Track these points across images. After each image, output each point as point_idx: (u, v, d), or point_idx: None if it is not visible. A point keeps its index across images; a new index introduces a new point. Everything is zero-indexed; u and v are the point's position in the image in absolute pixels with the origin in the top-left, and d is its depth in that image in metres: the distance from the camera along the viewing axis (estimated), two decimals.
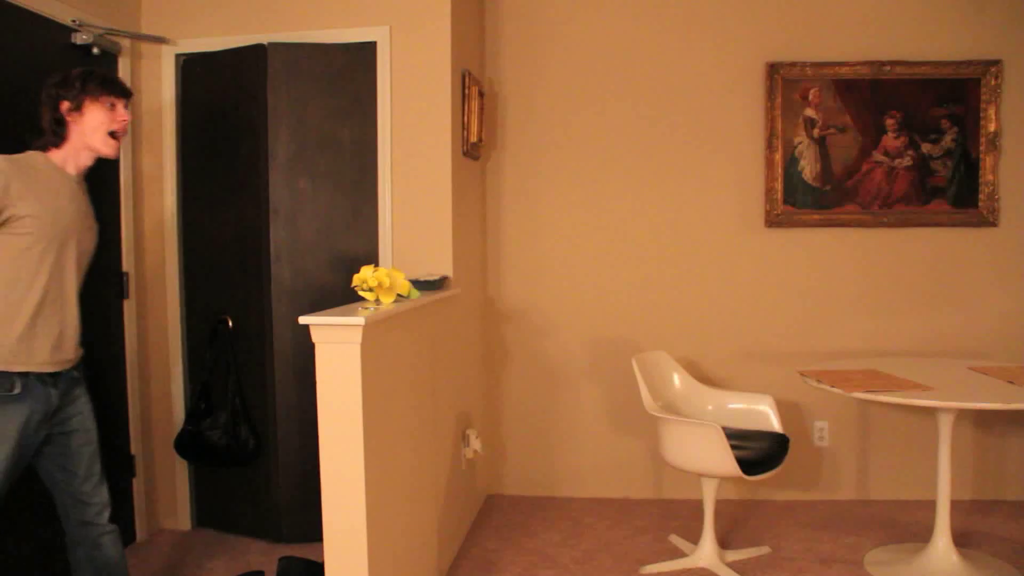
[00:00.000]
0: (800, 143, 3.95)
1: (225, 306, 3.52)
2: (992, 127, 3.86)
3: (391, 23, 3.37)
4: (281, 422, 3.43)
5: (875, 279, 3.98)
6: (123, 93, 2.40)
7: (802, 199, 3.97)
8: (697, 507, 3.44)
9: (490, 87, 4.07)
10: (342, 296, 2.69)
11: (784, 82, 3.93)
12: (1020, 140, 3.88)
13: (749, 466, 2.98)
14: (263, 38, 3.40)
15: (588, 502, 4.05)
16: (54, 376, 2.27)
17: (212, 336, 3.52)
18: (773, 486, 3.97)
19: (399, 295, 2.57)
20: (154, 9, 3.52)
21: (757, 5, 3.96)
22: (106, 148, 2.35)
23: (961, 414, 3.50)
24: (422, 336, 2.92)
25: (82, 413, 2.39)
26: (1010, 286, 3.93)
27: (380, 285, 2.46)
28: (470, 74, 3.62)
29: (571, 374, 4.13)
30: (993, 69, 3.84)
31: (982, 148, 3.87)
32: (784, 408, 3.62)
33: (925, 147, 3.91)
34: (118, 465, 3.33)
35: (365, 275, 2.47)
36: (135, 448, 3.49)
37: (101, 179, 3.06)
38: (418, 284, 2.98)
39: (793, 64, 3.92)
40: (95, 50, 3.15)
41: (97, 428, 2.43)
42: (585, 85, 4.05)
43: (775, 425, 3.34)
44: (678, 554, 3.33)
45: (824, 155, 3.95)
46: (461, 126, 3.56)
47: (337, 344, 2.22)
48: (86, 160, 2.36)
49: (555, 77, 4.06)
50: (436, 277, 3.16)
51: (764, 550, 3.36)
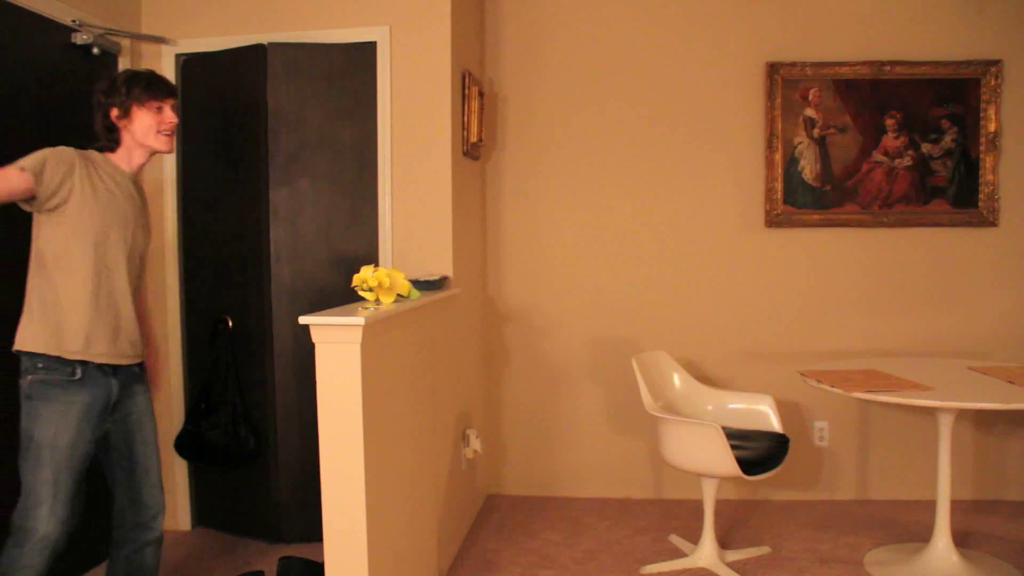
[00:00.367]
0: (800, 143, 3.95)
1: (225, 306, 3.52)
2: (992, 127, 3.86)
3: (391, 23, 3.37)
4: (281, 422, 3.43)
5: (875, 279, 3.98)
6: (169, 94, 2.42)
7: (802, 199, 3.97)
8: (697, 507, 3.44)
9: (490, 87, 4.07)
10: (342, 296, 2.69)
11: (784, 82, 3.93)
12: (1020, 140, 3.88)
13: (749, 466, 2.98)
14: (263, 38, 3.40)
15: (588, 502, 4.05)
16: (114, 368, 2.33)
17: (212, 336, 3.52)
18: (773, 486, 3.97)
19: (399, 295, 2.57)
20: (154, 9, 3.52)
21: (757, 5, 3.96)
22: (159, 145, 2.40)
23: (961, 414, 3.50)
24: (422, 336, 2.92)
25: (141, 411, 2.44)
26: (1010, 286, 3.93)
27: (380, 285, 2.46)
28: (470, 74, 3.62)
29: (571, 374, 4.13)
30: (993, 69, 3.84)
31: (982, 148, 3.88)
32: (784, 408, 3.62)
33: (925, 147, 3.91)
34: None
35: (365, 275, 2.47)
36: None
37: None
38: (418, 284, 2.98)
39: (793, 64, 3.92)
40: (95, 50, 3.15)
41: (156, 429, 2.50)
42: (585, 85, 4.05)
43: (775, 425, 3.34)
44: (678, 554, 3.33)
45: (824, 155, 3.95)
46: (461, 126, 3.56)
47: (337, 344, 2.22)
48: (140, 158, 2.41)
49: (555, 77, 4.06)
50: (436, 277, 3.16)
51: (764, 550, 3.36)
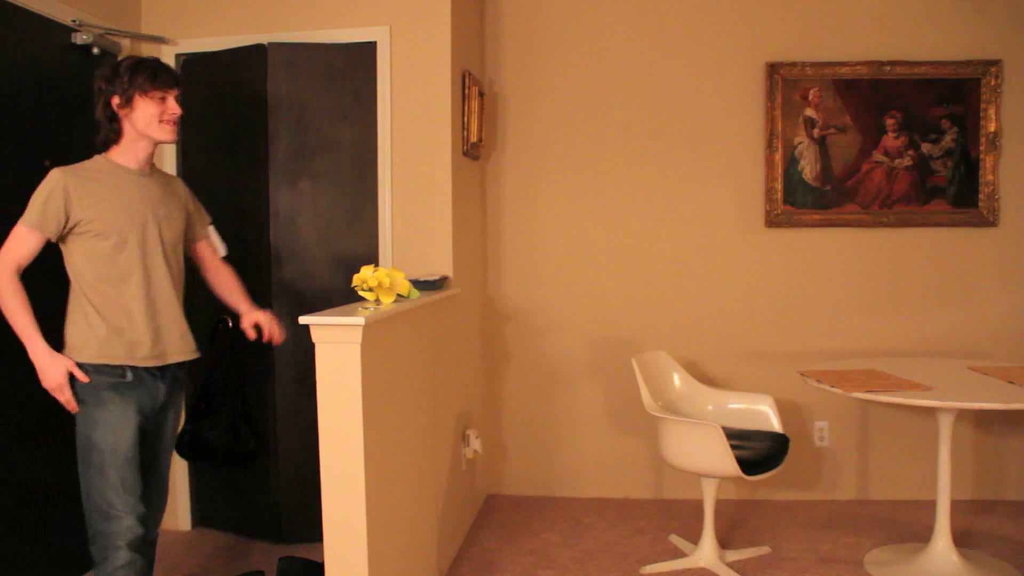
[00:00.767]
0: (800, 143, 3.95)
1: (225, 306, 3.52)
2: (992, 127, 3.86)
3: (391, 23, 3.37)
4: (281, 422, 3.43)
5: (875, 279, 3.98)
6: (174, 84, 2.36)
7: (802, 199, 3.97)
8: (697, 507, 3.44)
9: (490, 87, 4.07)
10: (342, 296, 2.69)
11: (784, 82, 3.93)
12: (1020, 140, 3.88)
13: (749, 466, 2.98)
14: (263, 38, 3.40)
15: (588, 502, 4.05)
16: (161, 370, 2.37)
17: (212, 336, 3.50)
18: (773, 486, 3.97)
19: (399, 295, 2.57)
20: (154, 9, 3.52)
21: (757, 5, 3.96)
22: (162, 134, 2.34)
23: (961, 414, 3.50)
24: (422, 336, 2.92)
25: (171, 416, 2.48)
26: (1010, 286, 3.93)
27: (380, 285, 2.46)
28: (470, 74, 3.62)
29: (571, 374, 4.13)
30: (993, 69, 3.84)
31: (982, 148, 3.88)
32: (784, 408, 3.62)
33: (925, 147, 3.91)
34: None
35: (365, 275, 2.47)
36: None
37: None
38: (418, 284, 2.98)
39: (793, 64, 3.92)
40: (95, 50, 3.15)
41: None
42: (585, 85, 4.05)
43: (775, 425, 3.34)
44: (678, 554, 3.33)
45: (824, 155, 3.95)
46: (461, 126, 3.56)
47: (337, 344, 2.22)
48: (145, 150, 2.36)
49: (555, 77, 4.06)
50: (436, 277, 3.16)
51: (764, 550, 3.36)
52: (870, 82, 3.90)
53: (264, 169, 3.40)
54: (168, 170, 3.58)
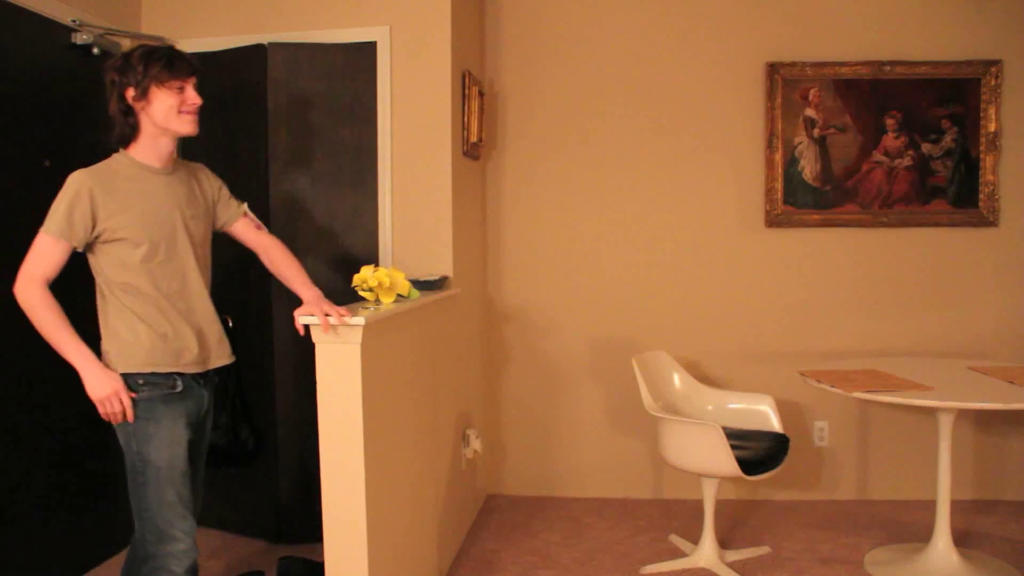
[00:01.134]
0: (800, 143, 3.95)
1: (225, 306, 3.51)
2: (992, 127, 3.86)
3: (391, 23, 3.37)
4: (281, 422, 3.43)
5: (875, 279, 3.98)
6: (192, 72, 2.19)
7: (802, 199, 3.97)
8: (697, 507, 3.44)
9: (490, 87, 4.07)
10: (342, 296, 2.69)
11: (784, 82, 3.93)
12: (1020, 140, 3.88)
13: (749, 466, 2.98)
14: (263, 38, 3.40)
15: (588, 502, 4.05)
16: (204, 376, 2.29)
17: None
18: (773, 486, 3.97)
19: (399, 295, 2.57)
20: (154, 9, 3.52)
21: (757, 5, 3.96)
22: (183, 127, 2.18)
23: (961, 414, 3.50)
24: (422, 336, 2.92)
25: (209, 423, 2.41)
26: (1010, 286, 3.93)
27: (380, 285, 2.46)
28: (470, 74, 3.62)
29: (571, 374, 4.13)
30: (993, 69, 3.84)
31: (982, 148, 3.88)
32: (784, 408, 3.62)
33: (925, 147, 3.91)
34: (117, 465, 3.32)
35: (365, 275, 2.47)
36: None
37: None
38: (418, 284, 2.98)
39: (793, 64, 3.92)
40: (95, 50, 3.15)
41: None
42: (585, 85, 4.05)
43: (775, 425, 3.34)
44: (678, 554, 3.33)
45: (824, 155, 3.95)
46: (461, 126, 3.56)
47: (337, 344, 2.22)
48: (167, 146, 2.21)
49: (555, 77, 4.06)
50: (436, 277, 3.16)
51: (764, 550, 3.36)
52: (870, 82, 3.90)
53: (264, 169, 3.39)
54: None
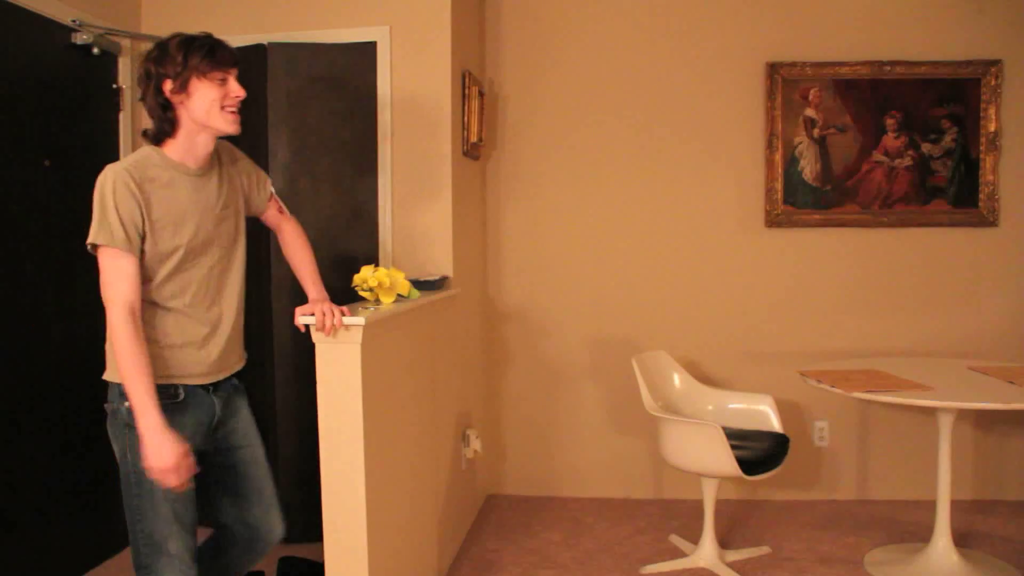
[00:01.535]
0: (800, 143, 3.95)
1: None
2: (992, 127, 3.86)
3: (391, 23, 3.37)
4: (281, 422, 3.43)
5: (875, 279, 3.98)
6: (234, 63, 2.04)
7: (802, 199, 3.97)
8: (697, 507, 3.44)
9: (490, 87, 4.07)
10: (342, 296, 2.69)
11: (784, 82, 3.93)
12: (1020, 140, 3.88)
13: (749, 466, 2.98)
14: (263, 38, 3.40)
15: (588, 502, 4.05)
16: (215, 384, 2.10)
17: None
18: (773, 486, 3.97)
19: (399, 295, 2.57)
20: (154, 9, 3.52)
21: (757, 5, 3.96)
22: (225, 124, 2.01)
23: (961, 414, 3.50)
24: (422, 336, 2.92)
25: (246, 426, 2.20)
26: (1010, 286, 3.93)
27: (380, 285, 2.46)
28: (470, 74, 3.62)
29: (571, 374, 4.13)
30: (993, 69, 3.84)
31: (982, 148, 3.88)
32: (784, 408, 3.62)
33: (925, 147, 3.91)
34: (117, 466, 3.32)
35: (365, 275, 2.47)
36: None
37: None
38: (418, 284, 2.98)
39: (793, 64, 3.92)
40: (95, 50, 3.15)
41: (262, 444, 2.24)
42: (585, 85, 4.05)
43: (775, 425, 3.34)
44: (678, 554, 3.33)
45: (824, 155, 3.95)
46: (461, 126, 3.56)
47: (337, 344, 2.22)
48: (205, 146, 2.04)
49: (555, 76, 4.06)
50: (436, 277, 3.16)
51: (764, 550, 3.36)
52: (870, 82, 3.90)
53: (264, 169, 3.38)
54: None
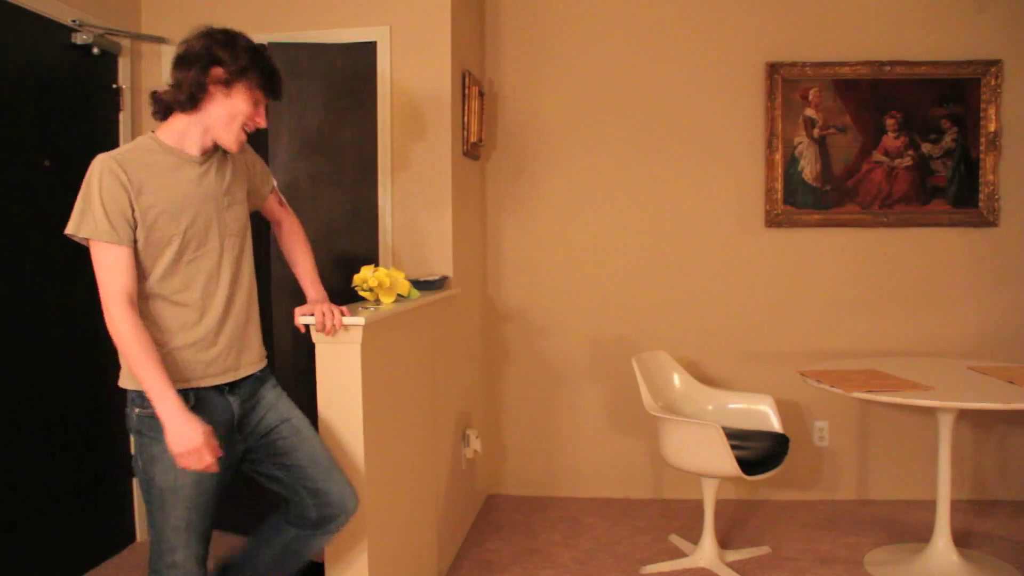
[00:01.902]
0: (800, 143, 3.95)
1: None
2: (992, 127, 3.86)
3: (391, 23, 3.37)
4: None
5: (875, 279, 3.98)
6: (275, 95, 2.07)
7: (802, 199, 3.97)
8: (697, 507, 3.44)
9: (490, 87, 4.07)
10: (342, 296, 2.69)
11: (784, 82, 3.93)
12: (1020, 140, 3.88)
13: (749, 466, 2.98)
14: (263, 38, 3.38)
15: (588, 502, 4.05)
16: (231, 385, 2.04)
17: None
18: (773, 486, 3.97)
19: (399, 295, 2.57)
20: (154, 9, 3.52)
21: (757, 5, 3.96)
22: (232, 142, 1.98)
23: (961, 414, 3.50)
24: (422, 336, 2.92)
25: (275, 408, 2.12)
26: (1010, 286, 3.93)
27: (380, 285, 2.46)
28: (470, 74, 3.62)
29: (571, 374, 4.13)
30: (993, 69, 3.84)
31: (982, 148, 3.88)
32: (784, 408, 3.62)
33: (925, 147, 3.91)
34: (117, 465, 3.33)
35: (365, 275, 2.47)
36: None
37: None
38: (418, 284, 2.98)
39: (793, 64, 3.92)
40: (95, 50, 3.15)
41: (305, 416, 2.16)
42: (585, 85, 4.05)
43: (775, 425, 3.34)
44: (678, 554, 3.33)
45: (824, 155, 3.95)
46: (461, 126, 3.56)
47: (337, 344, 2.22)
48: (211, 141, 1.99)
49: (555, 77, 4.06)
50: (436, 277, 3.16)
51: (764, 550, 3.36)
52: (870, 82, 3.90)
53: None
54: None
